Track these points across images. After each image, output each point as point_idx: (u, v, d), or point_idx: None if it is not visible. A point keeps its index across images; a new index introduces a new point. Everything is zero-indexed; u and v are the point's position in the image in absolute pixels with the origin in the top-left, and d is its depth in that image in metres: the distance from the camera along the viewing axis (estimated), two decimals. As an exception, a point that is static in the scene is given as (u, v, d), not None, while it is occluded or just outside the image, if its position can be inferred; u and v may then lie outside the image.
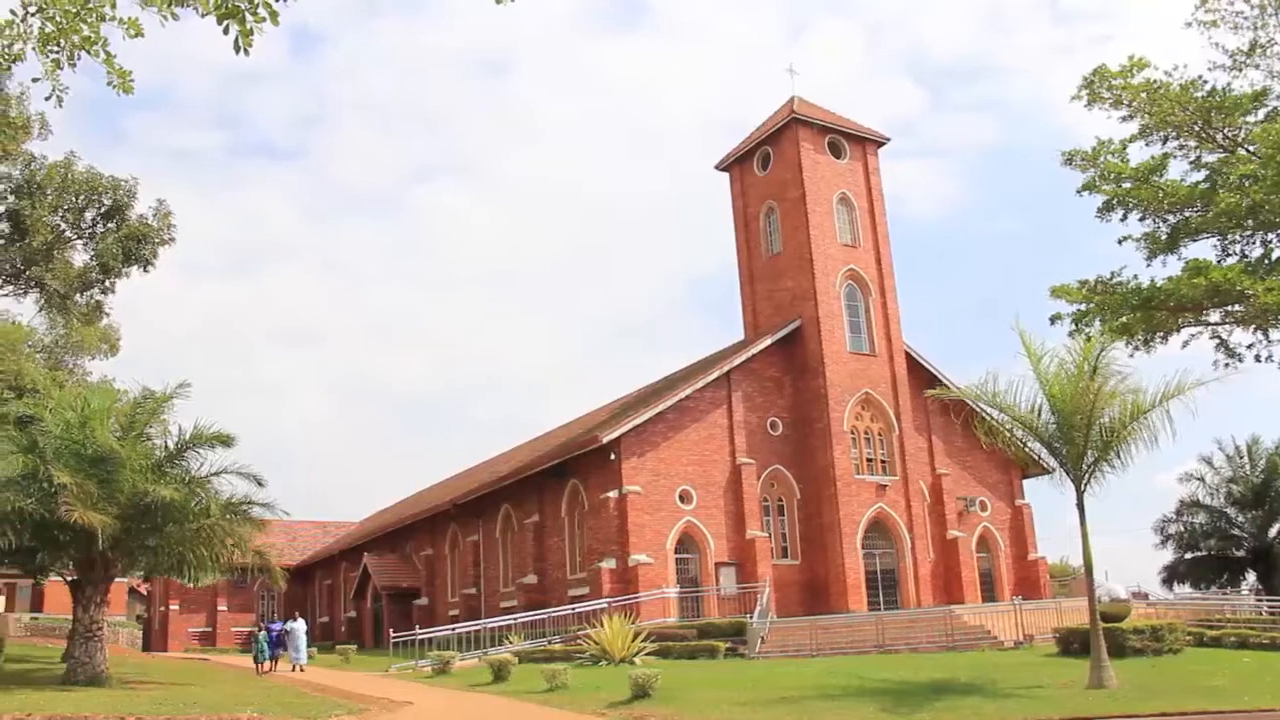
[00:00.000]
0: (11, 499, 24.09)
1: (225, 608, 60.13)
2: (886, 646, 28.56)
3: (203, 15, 6.77)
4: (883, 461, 39.91)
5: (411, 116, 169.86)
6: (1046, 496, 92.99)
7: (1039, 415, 20.03)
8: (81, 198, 35.71)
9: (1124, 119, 26.46)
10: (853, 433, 39.20)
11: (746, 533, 37.43)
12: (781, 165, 42.12)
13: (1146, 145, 26.76)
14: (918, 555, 39.09)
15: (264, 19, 6.68)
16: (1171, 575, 49.47)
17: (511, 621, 35.06)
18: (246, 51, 6.74)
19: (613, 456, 36.51)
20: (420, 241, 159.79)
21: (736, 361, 39.48)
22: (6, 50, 7.36)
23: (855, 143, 43.20)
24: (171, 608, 59.75)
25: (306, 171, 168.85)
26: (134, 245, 35.81)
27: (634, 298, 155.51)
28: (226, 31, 6.64)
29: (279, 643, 33.89)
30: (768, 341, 39.97)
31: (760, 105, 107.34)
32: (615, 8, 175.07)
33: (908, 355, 41.59)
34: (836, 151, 42.49)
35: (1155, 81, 25.68)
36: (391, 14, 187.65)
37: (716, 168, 45.36)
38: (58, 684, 24.54)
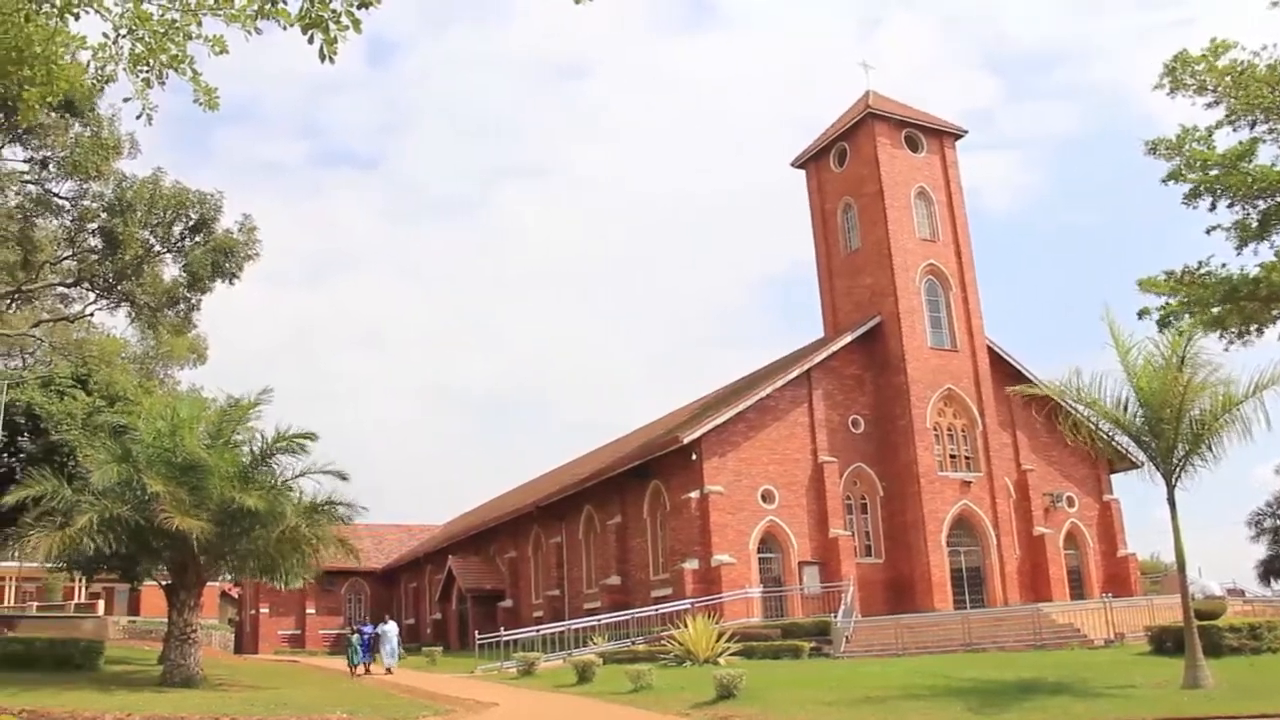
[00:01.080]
0: (109, 506, 24.78)
1: (313, 611, 61.11)
2: (973, 645, 28.22)
3: (286, 28, 6.89)
4: (966, 458, 39.38)
5: (486, 121, 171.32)
6: (1136, 491, 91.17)
7: (1126, 409, 19.59)
8: (170, 212, 36.51)
9: (1209, 105, 25.69)
10: (935, 429, 38.75)
11: (829, 531, 37.18)
12: (858, 161, 41.78)
13: (1234, 130, 25.96)
14: (1004, 552, 38.49)
15: (346, 27, 6.80)
16: (1268, 571, 48.26)
17: (595, 623, 35.19)
18: (331, 59, 6.86)
19: (694, 457, 36.48)
20: (498, 244, 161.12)
21: (817, 359, 39.25)
22: (100, 71, 7.57)
23: (932, 136, 42.70)
24: (261, 611, 60.90)
25: (385, 178, 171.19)
26: (221, 259, 36.56)
27: (712, 297, 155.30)
28: (311, 41, 6.75)
29: (371, 645, 34.10)
30: (848, 339, 39.68)
31: (835, 101, 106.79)
32: (686, 8, 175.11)
33: (990, 350, 41.02)
34: (913, 145, 42.03)
35: (1241, 63, 24.84)
36: (465, 21, 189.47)
37: (793, 165, 45.13)
38: (155, 685, 25.12)
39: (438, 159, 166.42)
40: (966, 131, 43.72)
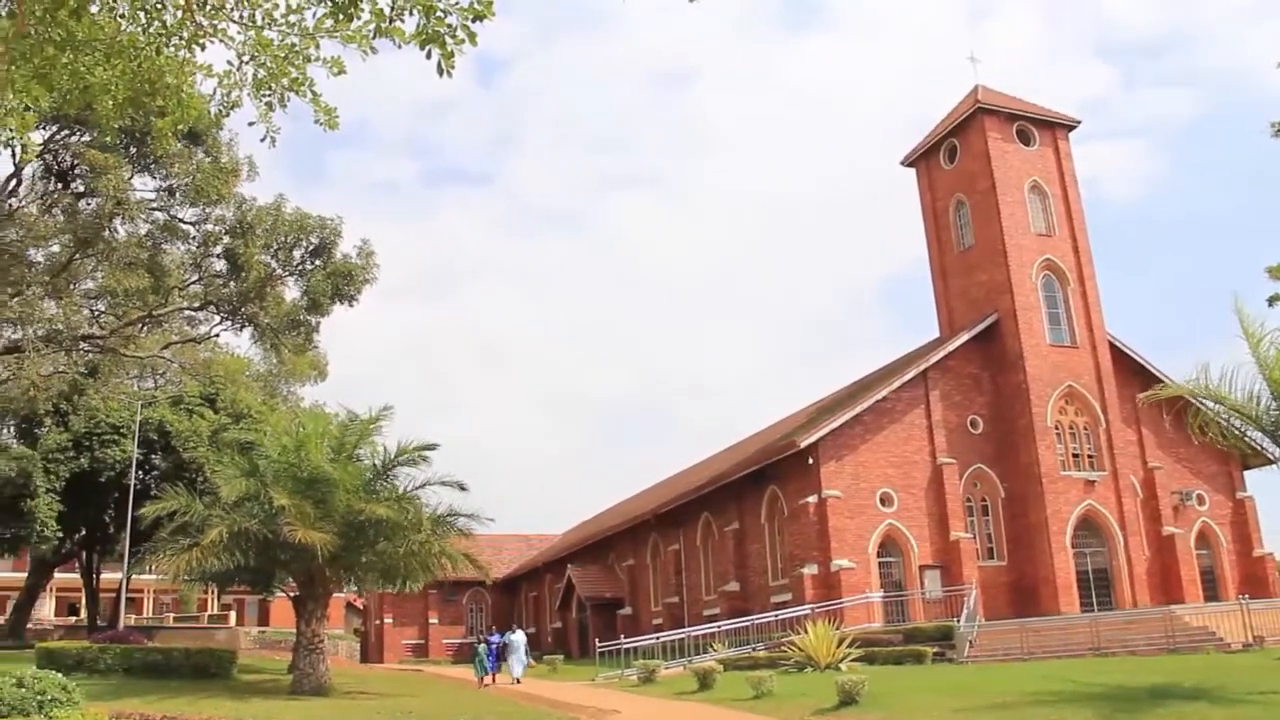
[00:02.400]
0: (238, 521, 25.59)
1: (436, 620, 62.02)
2: (1102, 649, 27.49)
3: (400, 46, 7.06)
4: (1090, 457, 38.44)
5: (594, 132, 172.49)
6: (1273, 487, 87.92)
7: (1258, 403, 18.92)
8: (290, 237, 37.64)
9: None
10: (1057, 428, 37.91)
11: (950, 534, 36.61)
12: (969, 156, 41.14)
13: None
14: (1131, 553, 37.46)
15: (463, 40, 6.94)
16: None
17: (715, 629, 35.18)
18: (449, 73, 7.01)
19: (811, 461, 36.24)
20: (611, 254, 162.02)
21: (933, 360, 38.73)
22: (226, 98, 7.86)
23: (1044, 128, 41.82)
24: (386, 621, 62.02)
25: (498, 193, 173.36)
26: (340, 283, 37.52)
27: (824, 299, 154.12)
28: (429, 56, 6.92)
29: (499, 654, 33.56)
30: (964, 338, 39.07)
31: (943, 97, 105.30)
32: (788, 10, 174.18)
33: (1111, 345, 40.00)
34: (1025, 139, 41.24)
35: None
36: (571, 34, 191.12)
37: (902, 164, 44.64)
38: (286, 694, 25.82)
39: (548, 172, 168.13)
40: (1079, 122, 42.79)
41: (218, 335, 41.94)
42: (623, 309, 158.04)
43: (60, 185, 37.74)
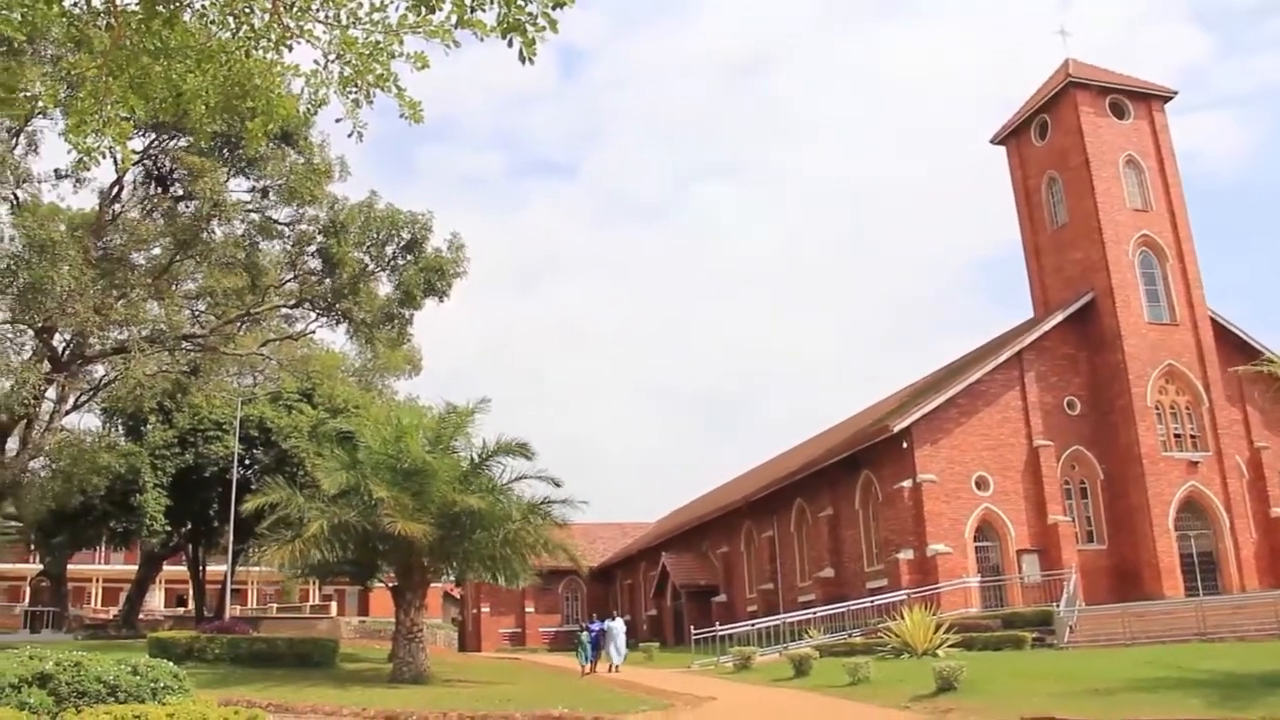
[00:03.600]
0: (337, 513, 26.14)
1: (532, 609, 62.63)
2: (1208, 634, 26.79)
3: (482, 39, 7.15)
4: (1193, 437, 37.51)
5: (678, 122, 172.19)
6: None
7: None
8: (382, 233, 38.24)
9: None
10: (1157, 408, 37.06)
11: (1048, 518, 36.02)
12: (1060, 132, 40.32)
13: None
14: (1238, 536, 36.47)
15: (544, 28, 7.01)
16: None
17: (810, 616, 35.09)
18: (531, 61, 7.10)
19: (904, 445, 35.92)
20: (698, 243, 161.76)
21: (1027, 340, 38.10)
22: (313, 97, 8.02)
23: (1139, 101, 40.82)
24: (483, 610, 62.82)
25: (584, 184, 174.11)
26: (432, 278, 38.04)
27: (913, 284, 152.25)
28: (511, 44, 6.99)
29: (599, 642, 33.00)
30: (1059, 318, 38.35)
31: (1032, 75, 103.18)
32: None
33: (1213, 321, 38.94)
34: (1119, 112, 40.30)
35: None
36: (651, 23, 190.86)
37: (992, 142, 43.92)
38: (386, 682, 26.31)
39: (632, 162, 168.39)
40: (1176, 93, 41.73)
41: (314, 331, 42.76)
42: (709, 298, 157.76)
43: (160, 190, 38.76)
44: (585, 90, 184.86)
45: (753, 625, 35.44)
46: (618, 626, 33.22)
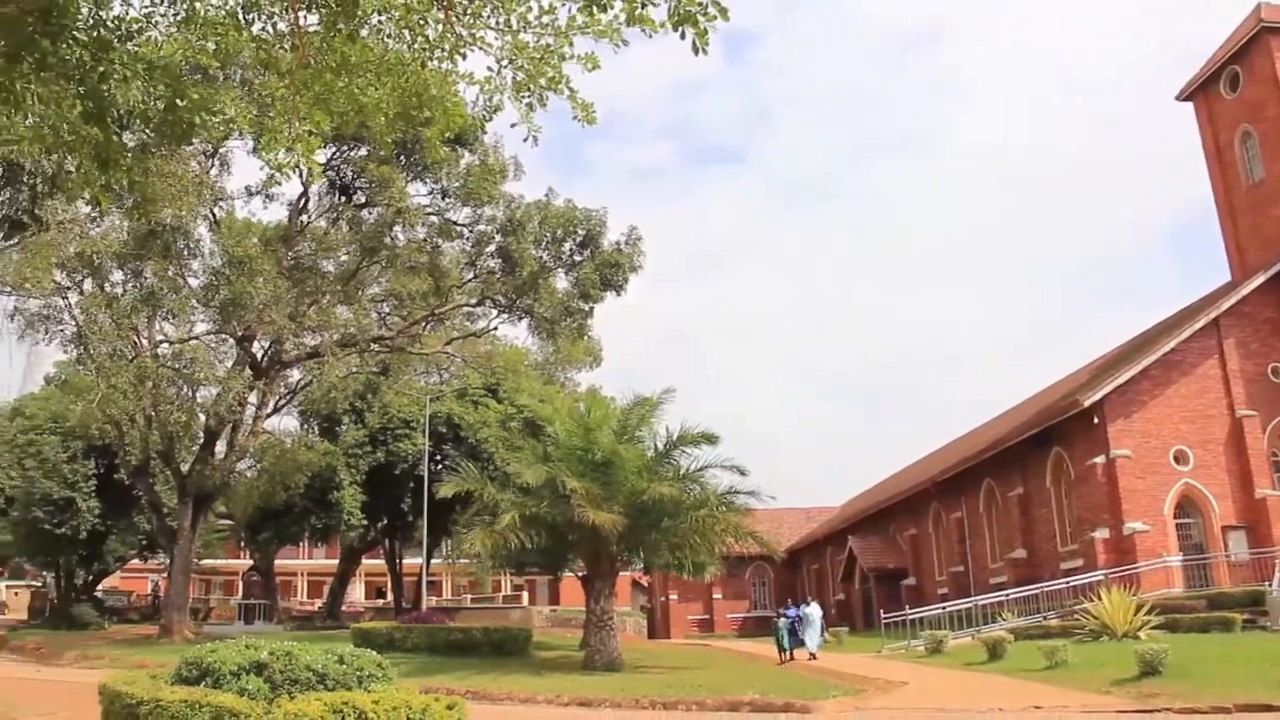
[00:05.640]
0: (529, 504, 26.82)
1: (720, 596, 62.84)
2: None
3: (651, 35, 7.20)
4: None
5: (845, 99, 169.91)
6: None
7: None
8: (559, 230, 38.95)
9: None
10: (1374, 371, 34.86)
11: (1255, 492, 34.26)
12: (1254, 83, 38.06)
13: None
14: None
15: (714, 17, 7.00)
16: None
17: (1003, 598, 34.25)
18: (704, 51, 7.10)
19: (1096, 420, 34.69)
20: (871, 221, 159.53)
21: (1225, 306, 36.26)
22: (488, 103, 8.23)
23: (1341, 45, 38.27)
24: (671, 597, 63.38)
25: (754, 169, 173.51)
26: (609, 272, 38.57)
27: (1095, 253, 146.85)
28: (683, 37, 7.02)
29: (795, 628, 31.92)
30: (1260, 279, 36.33)
31: (1218, 28, 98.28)
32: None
33: None
34: (1318, 58, 37.85)
35: None
36: (812, 1, 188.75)
37: (1178, 99, 41.80)
38: (579, 669, 26.79)
39: (802, 144, 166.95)
40: (1381, 36, 38.92)
41: (496, 328, 43.82)
42: (885, 276, 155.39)
43: (344, 199, 40.33)
44: (752, 73, 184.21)
45: (943, 608, 34.79)
46: (813, 612, 32.37)
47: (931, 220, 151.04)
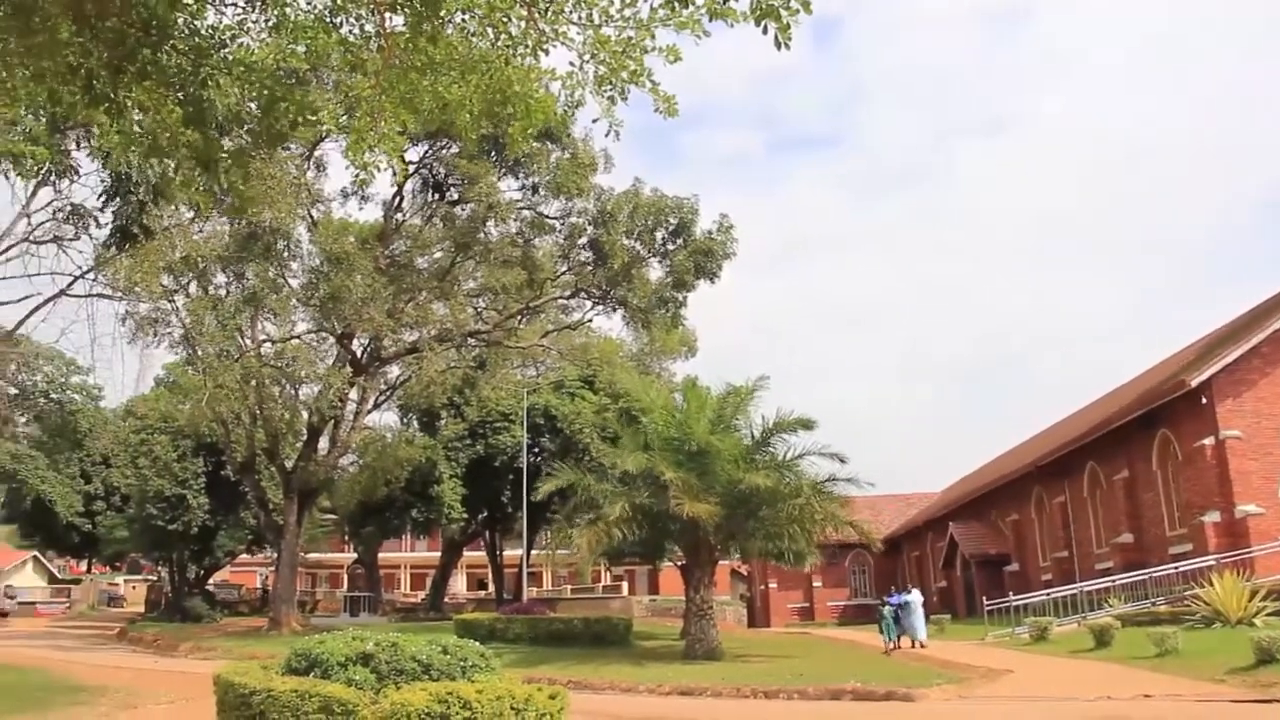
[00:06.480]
0: (631, 495, 27.00)
1: (820, 584, 62.53)
2: None
3: (733, 25, 7.16)
4: None
5: (935, 80, 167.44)
6: None
7: None
8: (650, 220, 38.99)
9: None
10: None
11: (1375, 472, 33.06)
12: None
13: None
14: None
15: (797, 10, 6.93)
16: None
17: (1109, 584, 33.53)
18: (787, 46, 7.03)
19: (1203, 400, 33.72)
20: (962, 204, 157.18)
21: (1338, 281, 34.99)
22: (570, 98, 8.27)
23: None
24: (770, 586, 63.24)
25: (845, 154, 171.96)
26: (702, 260, 38.54)
27: (1191, 232, 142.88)
28: (765, 31, 6.97)
29: (899, 616, 30.83)
30: (1375, 254, 35.04)
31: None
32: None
33: None
34: None
35: None
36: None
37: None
38: (680, 658, 26.89)
39: (892, 127, 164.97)
40: None
41: (590, 320, 44.12)
42: (978, 259, 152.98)
43: (437, 196, 40.92)
44: (840, 57, 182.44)
45: (1048, 595, 34.18)
46: (914, 598, 31.43)
47: (1027, 198, 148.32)
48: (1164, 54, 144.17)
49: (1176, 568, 31.95)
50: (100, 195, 23.99)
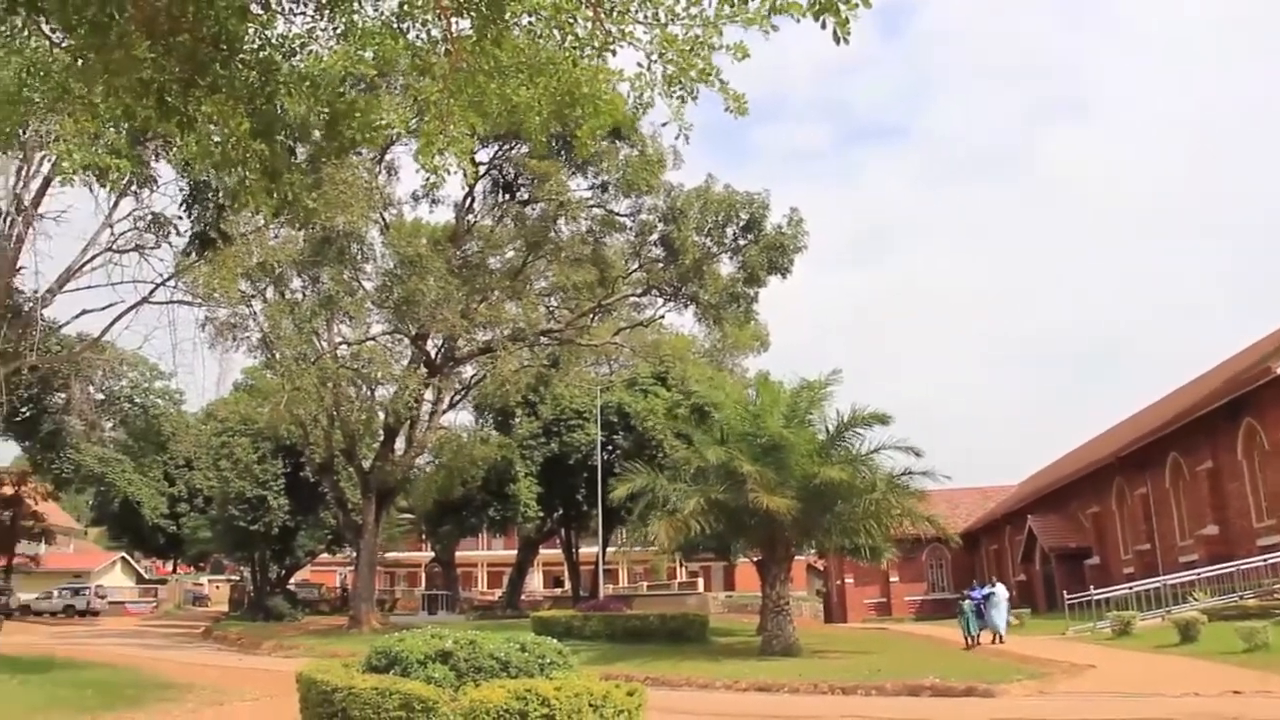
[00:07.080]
0: (708, 490, 27.04)
1: (897, 579, 62.01)
2: None
3: (798, 20, 7.11)
4: None
5: (1010, 63, 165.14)
6: None
7: None
8: (720, 216, 38.96)
9: None
10: None
11: None
12: None
13: None
14: None
15: (856, 5, 6.88)
16: None
17: (1194, 577, 32.85)
18: (846, 40, 6.98)
19: (1290, 387, 32.93)
20: (1044, 189, 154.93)
21: None
22: (639, 99, 8.28)
23: None
24: (847, 581, 62.86)
25: (918, 143, 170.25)
26: (773, 255, 38.42)
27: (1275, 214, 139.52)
28: (824, 26, 6.93)
29: (980, 611, 30.52)
30: None
31: None
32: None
33: None
34: None
35: None
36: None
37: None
38: (756, 654, 26.84)
39: (966, 114, 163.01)
40: None
41: (662, 317, 44.17)
42: (1061, 246, 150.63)
43: (507, 196, 41.21)
44: (909, 45, 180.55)
45: (1130, 588, 33.55)
46: (1000, 593, 31.12)
47: (1112, 182, 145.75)
48: (1249, 22, 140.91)
49: (1264, 560, 31.20)
50: (180, 204, 24.59)
